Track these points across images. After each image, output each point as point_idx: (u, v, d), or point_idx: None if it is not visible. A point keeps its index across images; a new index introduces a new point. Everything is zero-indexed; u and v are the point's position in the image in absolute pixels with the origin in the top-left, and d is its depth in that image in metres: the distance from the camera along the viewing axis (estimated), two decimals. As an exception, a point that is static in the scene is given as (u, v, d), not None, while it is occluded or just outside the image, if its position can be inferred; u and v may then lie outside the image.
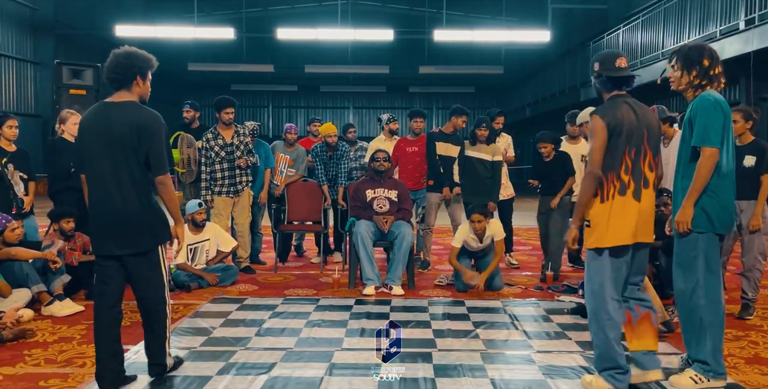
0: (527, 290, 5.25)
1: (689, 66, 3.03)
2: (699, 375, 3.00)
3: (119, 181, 2.88)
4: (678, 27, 12.04)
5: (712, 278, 2.99)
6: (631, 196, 2.90)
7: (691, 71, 3.02)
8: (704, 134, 2.92)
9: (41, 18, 18.50)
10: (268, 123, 29.42)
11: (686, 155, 3.05)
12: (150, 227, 2.96)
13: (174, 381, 3.09)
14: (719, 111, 2.96)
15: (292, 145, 6.50)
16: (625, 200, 2.89)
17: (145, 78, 2.98)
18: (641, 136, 2.93)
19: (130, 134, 2.87)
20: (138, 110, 2.94)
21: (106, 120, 2.90)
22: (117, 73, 2.89)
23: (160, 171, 2.94)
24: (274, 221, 6.45)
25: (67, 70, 6.70)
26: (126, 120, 2.88)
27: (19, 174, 4.92)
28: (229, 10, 23.30)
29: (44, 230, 5.19)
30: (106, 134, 2.88)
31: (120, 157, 2.88)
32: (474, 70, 22.92)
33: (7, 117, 4.97)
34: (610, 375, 2.93)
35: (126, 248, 2.94)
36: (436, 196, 5.93)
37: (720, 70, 3.03)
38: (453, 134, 6.01)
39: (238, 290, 5.19)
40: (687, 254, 3.02)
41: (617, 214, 2.89)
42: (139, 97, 3.00)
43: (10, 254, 4.21)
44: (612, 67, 2.97)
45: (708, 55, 3.03)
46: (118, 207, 2.90)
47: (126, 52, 2.96)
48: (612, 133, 2.87)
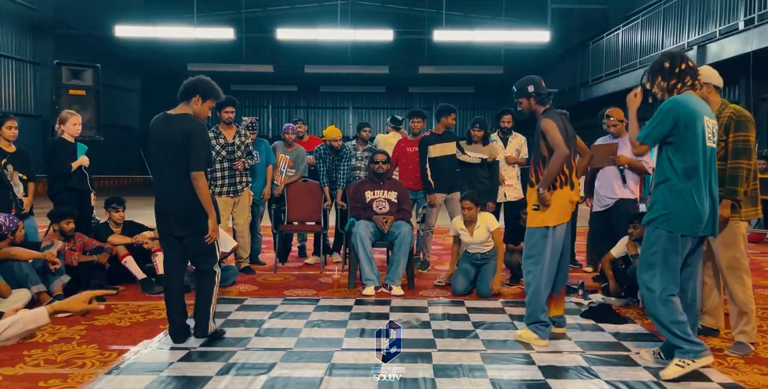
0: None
1: (654, 76, 3.25)
2: (683, 360, 3.10)
3: (173, 176, 3.60)
4: (677, 27, 12.05)
5: (667, 274, 3.11)
6: (568, 186, 3.71)
7: (656, 79, 3.23)
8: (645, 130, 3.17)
9: (41, 18, 18.51)
10: (267, 123, 29.41)
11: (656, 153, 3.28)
12: (203, 213, 3.61)
13: (174, 381, 3.09)
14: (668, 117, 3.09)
15: (291, 145, 6.50)
16: (566, 190, 3.69)
17: (203, 100, 3.66)
18: (570, 140, 3.72)
19: (178, 139, 3.55)
20: (187, 120, 3.63)
21: (164, 127, 3.62)
22: (185, 88, 3.66)
23: (193, 168, 3.56)
24: (274, 222, 6.45)
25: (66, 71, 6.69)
26: (178, 127, 3.58)
27: (18, 175, 4.92)
28: (229, 11, 23.31)
29: (44, 231, 5.19)
30: (163, 139, 3.60)
31: (171, 157, 3.58)
32: (474, 71, 22.94)
33: (6, 117, 4.96)
34: (537, 327, 3.73)
35: (186, 230, 3.64)
36: (438, 196, 5.92)
37: (687, 66, 3.17)
38: (444, 133, 6.01)
39: (238, 291, 5.19)
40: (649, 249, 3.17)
41: (559, 200, 3.68)
42: (194, 113, 3.67)
43: (9, 253, 4.21)
44: (542, 87, 3.81)
45: (668, 58, 3.21)
46: (175, 197, 3.61)
47: (200, 77, 3.71)
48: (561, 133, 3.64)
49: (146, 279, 5.10)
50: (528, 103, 3.84)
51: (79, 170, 5.24)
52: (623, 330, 4.03)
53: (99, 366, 3.29)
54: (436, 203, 5.93)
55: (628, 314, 4.44)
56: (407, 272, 5.24)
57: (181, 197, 3.60)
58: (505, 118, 6.27)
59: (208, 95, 3.67)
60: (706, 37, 10.69)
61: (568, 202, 3.73)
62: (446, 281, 5.31)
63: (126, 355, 3.47)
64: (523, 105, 3.86)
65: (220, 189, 5.70)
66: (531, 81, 3.82)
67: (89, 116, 6.55)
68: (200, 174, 3.56)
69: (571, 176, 3.74)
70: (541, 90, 3.80)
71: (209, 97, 3.69)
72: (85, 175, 5.32)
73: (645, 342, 3.79)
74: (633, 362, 3.42)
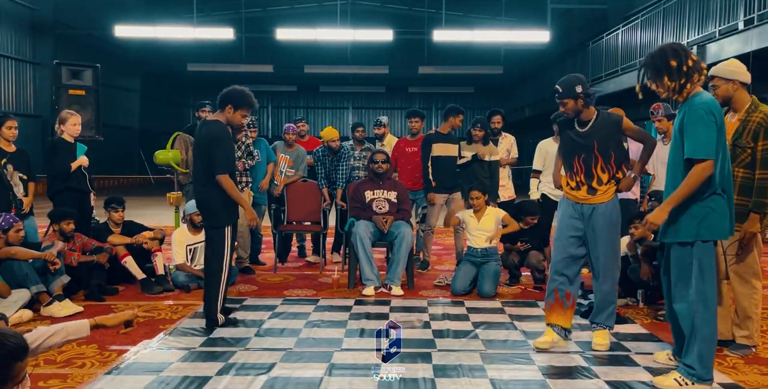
0: (527, 290, 5.25)
1: (659, 74, 2.99)
2: (684, 378, 3.00)
3: (199, 175, 4.06)
4: (677, 27, 12.04)
5: (704, 285, 2.97)
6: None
7: (662, 78, 2.98)
8: (695, 146, 2.88)
9: (40, 18, 18.50)
10: (267, 123, 29.42)
11: (680, 160, 2.99)
12: (213, 211, 4.02)
13: (174, 381, 3.09)
14: (710, 119, 2.89)
15: (291, 145, 6.50)
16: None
17: (235, 109, 3.96)
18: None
19: (202, 142, 3.99)
20: (215, 126, 3.99)
21: (198, 132, 4.13)
22: (220, 97, 3.99)
23: (215, 172, 3.92)
24: (274, 222, 6.45)
25: (66, 71, 6.68)
26: (205, 132, 4.01)
27: (18, 175, 4.91)
28: (229, 11, 23.30)
29: (44, 231, 5.19)
30: (195, 142, 4.15)
31: (196, 158, 4.06)
32: (473, 71, 22.94)
33: (6, 117, 4.96)
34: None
35: (205, 222, 4.15)
36: (440, 197, 5.93)
37: (693, 61, 2.94)
38: (449, 134, 6.01)
39: (238, 291, 5.18)
40: (683, 261, 3.00)
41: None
42: (226, 120, 4.00)
43: (9, 253, 4.21)
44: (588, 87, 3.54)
45: (671, 54, 2.96)
46: (197, 193, 4.18)
47: (234, 88, 4.02)
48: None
49: (146, 279, 5.10)
50: (575, 104, 3.53)
51: (78, 170, 5.24)
52: (623, 330, 4.02)
53: (99, 366, 3.29)
54: (436, 203, 5.94)
55: (628, 314, 4.44)
56: (407, 272, 5.24)
57: (200, 193, 4.11)
58: (495, 118, 6.31)
59: (239, 104, 3.95)
60: (705, 37, 10.69)
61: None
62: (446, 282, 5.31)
63: (126, 355, 3.47)
64: (568, 106, 3.53)
65: (219, 189, 5.72)
66: (579, 81, 3.53)
67: (89, 116, 6.54)
68: (223, 177, 3.92)
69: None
70: (588, 90, 3.55)
71: (240, 106, 3.96)
72: (85, 175, 5.32)
73: (645, 342, 3.79)
74: (633, 362, 3.42)
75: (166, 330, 3.95)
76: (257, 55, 23.77)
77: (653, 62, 3.01)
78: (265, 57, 24.01)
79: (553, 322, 3.68)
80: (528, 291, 5.21)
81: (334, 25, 20.20)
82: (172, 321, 4.21)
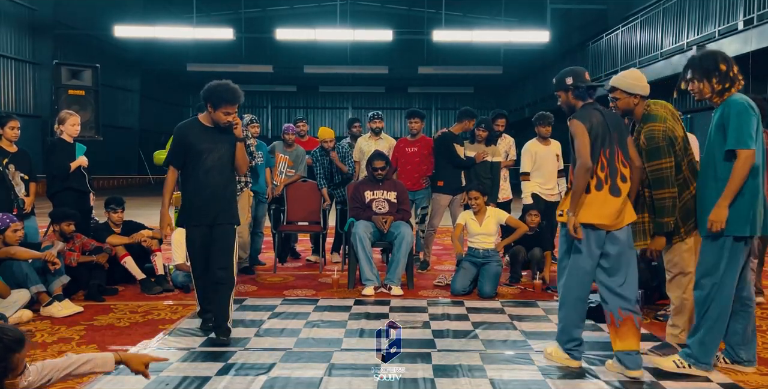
0: (527, 290, 5.25)
1: (707, 75, 3.08)
2: (681, 360, 3.12)
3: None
4: (677, 27, 12.05)
5: (729, 279, 3.07)
6: (608, 191, 3.17)
7: (711, 80, 3.08)
8: (738, 137, 2.96)
9: (40, 18, 18.50)
10: (267, 123, 29.41)
11: (719, 158, 3.05)
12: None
13: (174, 381, 3.09)
14: (750, 113, 3.01)
15: (291, 145, 6.50)
16: (602, 194, 3.17)
17: (215, 108, 3.69)
18: (613, 138, 3.22)
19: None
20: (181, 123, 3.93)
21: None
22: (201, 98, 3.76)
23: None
24: (274, 222, 6.45)
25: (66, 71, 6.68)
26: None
27: (20, 175, 4.92)
28: (228, 11, 23.31)
29: (44, 231, 5.19)
30: None
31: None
32: (473, 71, 22.94)
33: (9, 118, 4.96)
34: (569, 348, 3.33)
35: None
36: (445, 198, 5.93)
37: (737, 70, 3.09)
38: (459, 136, 6.04)
39: (238, 291, 5.17)
40: (714, 255, 3.07)
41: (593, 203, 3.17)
42: (211, 120, 3.77)
43: (9, 253, 4.21)
44: (583, 80, 3.34)
45: (722, 59, 3.09)
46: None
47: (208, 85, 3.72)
48: (590, 135, 3.17)
49: (145, 280, 5.10)
50: (566, 97, 3.37)
51: (78, 171, 5.24)
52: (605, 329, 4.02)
53: (98, 366, 3.28)
54: (441, 204, 5.95)
55: (628, 314, 4.43)
56: (407, 272, 5.24)
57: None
58: (499, 121, 6.31)
59: (216, 103, 3.68)
60: (705, 38, 10.70)
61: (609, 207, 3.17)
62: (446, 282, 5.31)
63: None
64: (561, 99, 3.41)
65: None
66: (571, 72, 3.36)
67: (88, 116, 6.54)
68: (168, 169, 3.87)
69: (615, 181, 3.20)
70: (579, 83, 3.32)
71: (219, 104, 3.68)
72: (84, 175, 5.31)
73: (644, 342, 3.77)
74: (632, 362, 3.42)
75: (165, 330, 3.95)
76: (257, 56, 23.78)
77: (702, 64, 3.11)
78: (265, 57, 24.02)
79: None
80: (528, 291, 5.20)
81: (333, 25, 20.20)
82: (172, 321, 4.20)
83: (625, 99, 3.45)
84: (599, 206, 3.16)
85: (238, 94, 3.71)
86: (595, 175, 3.17)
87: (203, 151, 3.75)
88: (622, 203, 3.20)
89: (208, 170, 3.77)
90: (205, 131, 3.81)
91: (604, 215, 3.16)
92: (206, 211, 3.79)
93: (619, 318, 3.19)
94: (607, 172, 3.19)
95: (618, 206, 3.18)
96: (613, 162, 3.21)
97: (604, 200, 3.17)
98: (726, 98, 3.09)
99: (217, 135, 3.80)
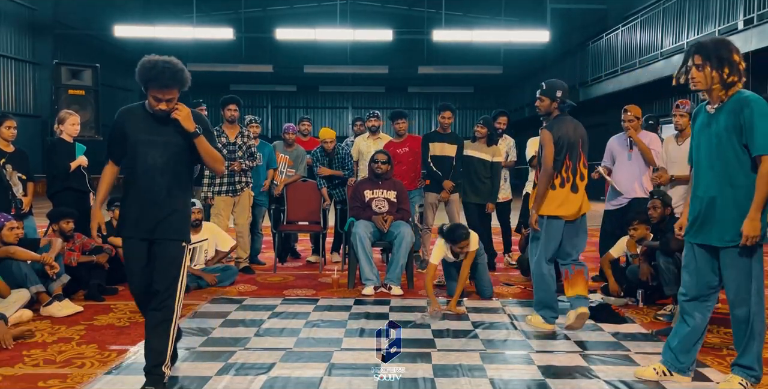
0: (527, 290, 5.25)
1: (720, 64, 2.82)
2: (745, 381, 2.94)
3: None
4: (677, 27, 12.05)
5: (761, 286, 2.91)
6: (569, 188, 3.90)
7: (722, 69, 2.81)
8: (766, 142, 2.73)
9: (40, 18, 18.50)
10: (267, 123, 29.39)
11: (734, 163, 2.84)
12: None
13: (174, 381, 3.08)
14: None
15: (291, 145, 6.50)
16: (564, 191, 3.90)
17: (145, 90, 2.88)
18: (577, 144, 3.93)
19: None
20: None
21: None
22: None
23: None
24: (274, 222, 6.45)
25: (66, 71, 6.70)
26: None
27: (17, 175, 4.92)
28: (228, 10, 23.31)
29: (43, 231, 5.19)
30: None
31: None
32: (473, 71, 22.94)
33: (5, 117, 4.96)
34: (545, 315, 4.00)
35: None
36: (433, 196, 5.93)
37: (744, 65, 2.86)
38: (449, 134, 5.99)
39: (238, 291, 5.18)
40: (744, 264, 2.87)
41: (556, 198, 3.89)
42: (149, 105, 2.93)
43: (9, 252, 4.20)
44: (567, 97, 3.98)
45: (735, 49, 2.85)
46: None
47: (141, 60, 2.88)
48: (556, 143, 3.86)
49: (145, 279, 5.08)
50: (549, 104, 3.95)
51: (78, 170, 5.24)
52: (623, 330, 4.03)
53: (98, 366, 3.29)
54: (430, 202, 5.94)
55: (628, 314, 4.44)
56: (407, 271, 5.24)
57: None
58: (501, 119, 6.29)
59: (144, 84, 2.87)
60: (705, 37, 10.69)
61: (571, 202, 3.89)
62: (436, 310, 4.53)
63: (125, 355, 3.47)
64: (543, 104, 3.96)
65: (218, 188, 5.71)
66: (561, 86, 3.95)
67: (88, 115, 6.57)
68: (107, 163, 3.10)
69: (575, 179, 3.91)
70: (565, 99, 3.95)
71: (146, 86, 2.86)
72: (84, 175, 5.32)
73: (644, 342, 3.79)
74: (633, 362, 3.42)
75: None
76: (257, 55, 23.77)
77: (717, 51, 2.83)
78: (265, 57, 24.01)
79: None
80: (528, 291, 5.20)
81: (333, 25, 20.20)
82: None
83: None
84: (562, 201, 3.88)
85: (169, 76, 2.80)
86: (560, 175, 3.88)
87: (141, 143, 2.92)
88: (580, 198, 3.93)
89: (148, 169, 2.91)
90: (147, 119, 2.95)
91: (566, 208, 3.89)
92: (142, 222, 2.93)
93: (572, 271, 3.99)
94: (570, 172, 3.91)
95: (578, 201, 3.92)
96: (576, 164, 3.92)
97: (566, 196, 3.89)
98: (733, 94, 2.84)
99: (162, 125, 2.91)
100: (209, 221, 5.69)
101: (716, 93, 2.88)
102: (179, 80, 2.84)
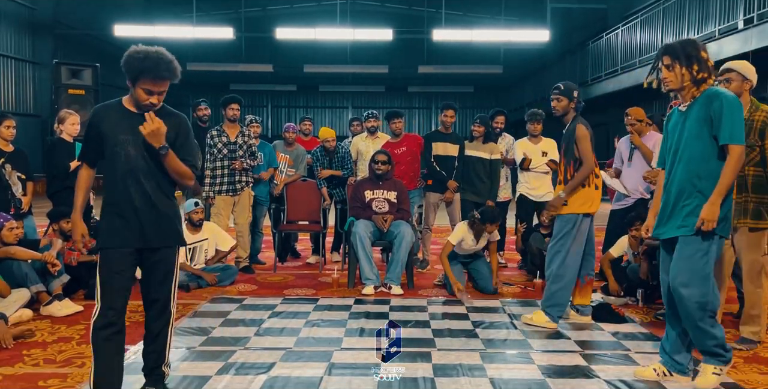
0: (527, 289, 5.25)
1: (689, 61, 2.89)
2: (718, 367, 2.99)
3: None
4: (677, 27, 12.05)
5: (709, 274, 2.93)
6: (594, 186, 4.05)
7: (692, 66, 2.89)
8: (732, 132, 2.83)
9: (40, 18, 18.49)
10: (267, 123, 29.39)
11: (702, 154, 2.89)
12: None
13: (174, 381, 3.08)
14: (741, 108, 2.92)
15: (292, 144, 6.51)
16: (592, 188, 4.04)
17: (134, 83, 2.73)
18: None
19: None
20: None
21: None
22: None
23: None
24: (274, 221, 6.45)
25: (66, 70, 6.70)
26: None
27: (17, 174, 4.92)
28: (228, 10, 23.29)
29: (43, 231, 5.19)
30: None
31: None
32: (473, 70, 22.92)
33: (4, 117, 4.96)
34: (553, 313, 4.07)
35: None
36: (435, 196, 5.92)
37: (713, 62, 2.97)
38: (451, 134, 5.99)
39: (237, 290, 5.18)
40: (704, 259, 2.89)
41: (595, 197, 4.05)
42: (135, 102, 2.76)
43: (9, 252, 4.20)
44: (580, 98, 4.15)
45: (703, 47, 2.94)
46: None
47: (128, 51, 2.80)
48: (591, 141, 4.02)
49: (145, 279, 5.08)
50: (568, 104, 4.08)
51: (77, 170, 5.24)
52: (623, 330, 4.03)
53: (98, 365, 3.27)
54: (431, 202, 5.94)
55: (628, 313, 4.44)
56: (407, 271, 5.24)
57: None
58: (498, 118, 6.28)
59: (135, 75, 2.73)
60: (705, 37, 10.69)
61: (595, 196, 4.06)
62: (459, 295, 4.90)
63: (125, 355, 3.46)
64: (561, 104, 4.09)
65: (219, 187, 5.71)
66: (577, 88, 4.17)
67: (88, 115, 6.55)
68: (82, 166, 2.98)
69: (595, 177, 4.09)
70: (580, 99, 4.17)
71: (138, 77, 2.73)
72: (84, 174, 5.31)
73: (644, 341, 3.79)
74: (633, 361, 3.42)
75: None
76: (257, 55, 23.75)
77: (685, 49, 2.92)
78: (265, 56, 23.99)
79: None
80: (528, 291, 5.20)
81: (333, 24, 20.19)
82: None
83: (740, 82, 3.51)
84: (592, 198, 4.03)
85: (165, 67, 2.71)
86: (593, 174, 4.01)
87: (120, 143, 2.69)
88: (600, 195, 4.12)
89: (129, 172, 2.68)
90: (126, 117, 2.73)
91: (596, 205, 4.07)
92: (127, 230, 2.72)
93: (584, 281, 4.17)
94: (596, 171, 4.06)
95: (599, 198, 4.10)
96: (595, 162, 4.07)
97: (594, 193, 4.04)
98: (704, 90, 2.91)
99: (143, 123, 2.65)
100: (209, 221, 5.69)
101: (688, 91, 2.95)
102: (173, 71, 2.73)
